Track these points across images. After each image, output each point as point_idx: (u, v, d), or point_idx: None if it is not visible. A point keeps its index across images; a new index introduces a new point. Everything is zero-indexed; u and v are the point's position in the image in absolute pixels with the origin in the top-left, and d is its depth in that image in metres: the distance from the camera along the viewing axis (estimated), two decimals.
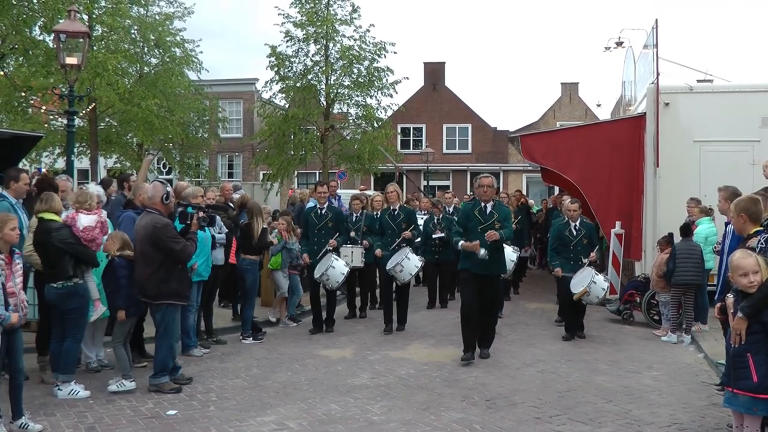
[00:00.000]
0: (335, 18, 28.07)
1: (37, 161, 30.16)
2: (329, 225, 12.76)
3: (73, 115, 14.48)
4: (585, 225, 12.82)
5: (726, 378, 6.46)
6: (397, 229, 13.19)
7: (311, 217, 12.89)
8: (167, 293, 8.64)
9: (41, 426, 7.28)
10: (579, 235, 12.67)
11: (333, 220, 12.83)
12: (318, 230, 12.77)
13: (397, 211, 13.41)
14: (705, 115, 14.84)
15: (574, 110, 48.94)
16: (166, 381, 8.71)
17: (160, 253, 8.55)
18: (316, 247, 12.72)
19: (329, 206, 13.05)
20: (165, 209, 8.80)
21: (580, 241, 12.65)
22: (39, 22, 21.69)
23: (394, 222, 13.27)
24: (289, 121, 28.45)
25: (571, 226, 12.73)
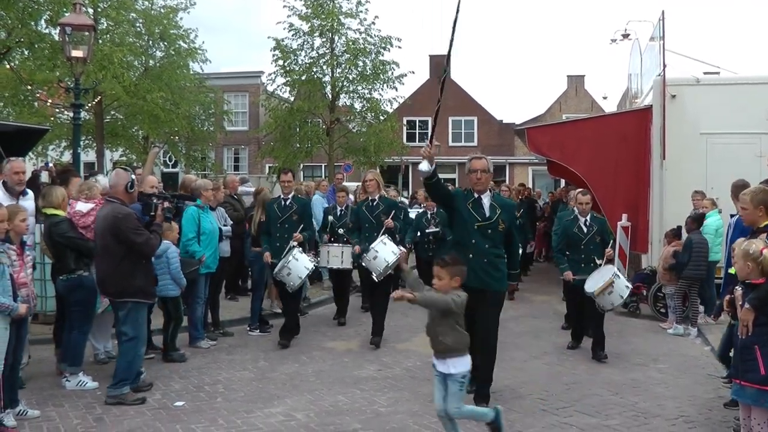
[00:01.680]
0: (340, 11, 28.07)
1: (43, 154, 30.23)
2: (293, 218, 11.12)
3: (79, 108, 14.50)
4: (597, 221, 11.08)
5: (734, 370, 6.47)
6: (375, 223, 11.28)
7: (273, 210, 11.24)
8: (131, 290, 7.93)
9: (38, 412, 7.34)
10: (591, 231, 10.89)
11: (298, 213, 11.18)
12: (281, 224, 11.14)
13: (376, 202, 11.45)
14: (712, 107, 14.77)
15: (580, 103, 48.85)
16: (128, 391, 7.97)
17: (122, 246, 7.84)
18: (278, 244, 11.04)
19: (295, 197, 11.40)
20: (128, 198, 8.09)
21: (591, 239, 10.88)
22: (45, 16, 21.75)
23: (372, 214, 11.37)
24: (294, 114, 28.51)
25: (580, 222, 10.96)
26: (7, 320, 6.69)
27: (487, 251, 7.92)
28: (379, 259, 10.77)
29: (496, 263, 7.98)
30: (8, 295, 6.69)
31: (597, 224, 11.03)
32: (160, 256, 9.67)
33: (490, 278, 7.89)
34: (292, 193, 11.36)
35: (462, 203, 8.07)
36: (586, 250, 10.88)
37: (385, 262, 10.74)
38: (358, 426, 7.24)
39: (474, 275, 7.48)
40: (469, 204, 8.04)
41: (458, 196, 8.16)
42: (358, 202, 12.47)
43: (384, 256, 10.76)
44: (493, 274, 7.93)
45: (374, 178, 11.66)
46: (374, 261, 10.81)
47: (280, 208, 11.21)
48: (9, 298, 6.68)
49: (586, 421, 7.45)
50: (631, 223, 14.95)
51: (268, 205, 11.47)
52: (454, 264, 6.16)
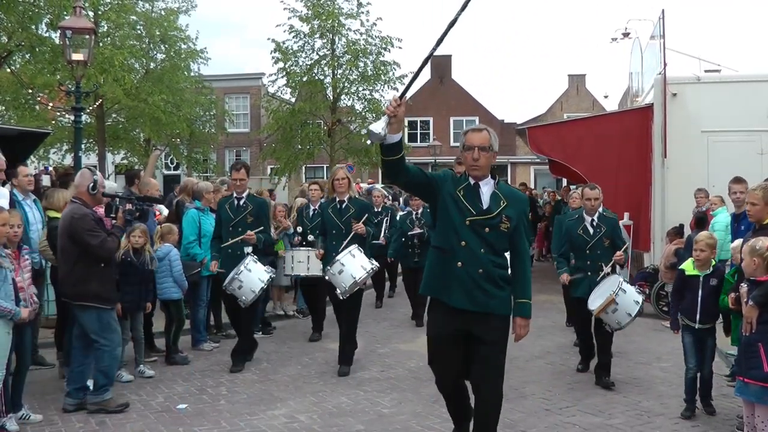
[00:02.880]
0: (341, 12, 28.06)
1: (45, 158, 30.26)
2: (248, 220, 9.65)
3: (80, 111, 14.48)
4: (605, 220, 9.33)
5: (737, 367, 6.46)
6: (344, 229, 9.44)
7: (224, 211, 9.78)
8: (86, 294, 7.56)
9: (41, 416, 7.34)
10: (598, 233, 9.22)
11: (253, 214, 9.68)
12: (234, 227, 9.65)
13: (345, 204, 9.59)
14: (713, 105, 14.78)
15: (581, 102, 48.86)
16: (110, 398, 7.75)
17: (77, 248, 7.56)
18: (230, 250, 9.64)
19: (250, 196, 9.91)
20: (91, 199, 7.80)
21: (599, 243, 9.21)
22: (45, 19, 21.75)
23: (341, 219, 9.55)
24: (295, 116, 28.48)
25: (586, 222, 9.33)
26: (9, 325, 6.69)
27: (483, 258, 5.52)
28: (345, 274, 8.98)
29: (495, 277, 5.56)
30: (10, 299, 6.69)
31: (606, 224, 9.29)
32: (162, 259, 9.70)
33: (488, 297, 5.54)
34: (246, 192, 9.83)
35: (449, 190, 5.64)
36: (592, 255, 9.22)
37: (352, 278, 8.97)
38: (362, 427, 7.23)
39: (464, 293, 5.50)
40: (459, 191, 5.62)
41: (446, 180, 5.70)
42: (322, 204, 10.65)
43: (351, 271, 9.00)
44: (491, 291, 5.54)
45: (346, 176, 9.83)
46: (339, 276, 9.01)
47: (232, 208, 9.71)
48: (11, 302, 6.68)
49: (590, 421, 7.44)
50: (633, 222, 14.96)
51: (219, 206, 9.99)
52: None
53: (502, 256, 5.70)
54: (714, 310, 7.61)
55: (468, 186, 5.64)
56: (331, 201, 9.83)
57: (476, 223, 5.54)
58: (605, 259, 9.14)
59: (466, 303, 5.51)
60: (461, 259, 5.50)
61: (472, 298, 5.50)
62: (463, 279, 5.50)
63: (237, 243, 9.53)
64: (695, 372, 7.71)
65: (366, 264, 9.15)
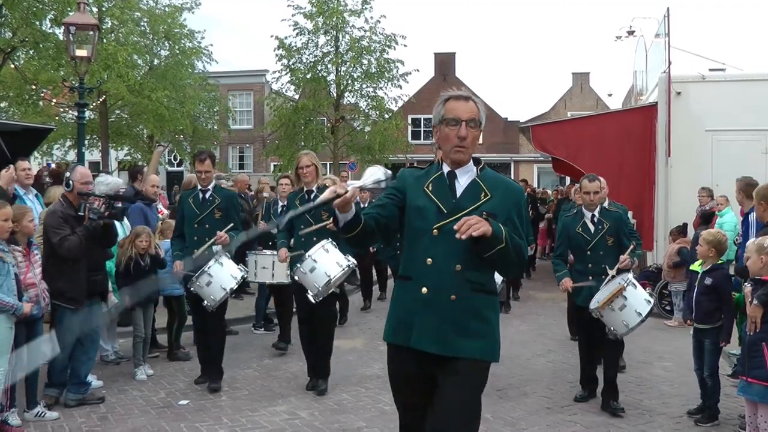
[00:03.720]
0: (345, 9, 28.09)
1: (48, 154, 30.32)
2: (215, 216, 8.51)
3: (83, 107, 14.53)
4: (609, 215, 8.11)
5: (740, 367, 6.45)
6: (314, 223, 8.01)
7: (188, 206, 8.59)
8: (53, 291, 7.42)
9: (57, 414, 7.34)
10: (600, 231, 7.98)
11: (221, 208, 8.55)
12: (199, 224, 8.48)
13: (314, 195, 8.36)
14: (717, 104, 14.74)
15: (585, 100, 48.78)
16: (89, 393, 7.88)
17: (47, 245, 7.56)
18: (197, 249, 8.38)
19: (217, 188, 8.74)
20: (73, 198, 7.71)
21: (601, 242, 7.98)
22: (49, 15, 21.79)
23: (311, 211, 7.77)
24: (299, 113, 28.54)
25: (586, 219, 8.10)
26: (11, 320, 6.68)
27: (458, 279, 3.93)
28: (317, 272, 7.83)
29: (476, 305, 3.99)
30: (13, 294, 6.69)
31: (609, 220, 8.05)
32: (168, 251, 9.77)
33: (461, 335, 3.95)
34: (213, 184, 8.70)
35: (415, 187, 4.15)
36: (593, 257, 7.96)
37: (326, 276, 7.81)
38: (363, 424, 7.23)
39: (429, 330, 3.94)
40: (428, 185, 4.13)
41: (407, 182, 4.19)
42: (288, 196, 9.23)
43: (325, 269, 7.84)
44: (468, 326, 3.96)
45: (312, 162, 8.56)
46: (310, 274, 7.86)
47: (197, 203, 8.55)
48: (14, 297, 6.68)
49: (591, 419, 7.44)
50: (636, 221, 14.93)
51: (182, 200, 8.82)
52: None
53: (486, 272, 4.05)
54: (709, 310, 7.38)
55: (440, 177, 4.11)
56: (298, 192, 8.65)
57: (445, 229, 3.92)
58: (610, 262, 7.85)
59: (429, 342, 3.93)
60: (427, 283, 3.97)
61: (438, 337, 3.93)
62: (429, 310, 3.95)
63: (206, 250, 8.29)
64: (700, 374, 7.52)
65: (341, 260, 7.98)
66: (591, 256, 7.99)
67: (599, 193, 8.14)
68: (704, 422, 7.30)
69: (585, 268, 8.03)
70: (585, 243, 8.05)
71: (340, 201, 3.66)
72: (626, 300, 7.32)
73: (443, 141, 4.10)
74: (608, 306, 7.35)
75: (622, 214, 8.33)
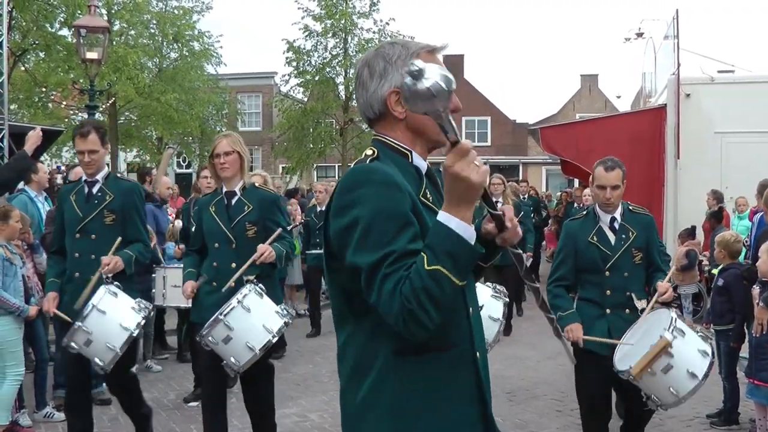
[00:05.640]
0: (354, 11, 28.16)
1: (57, 156, 30.42)
2: (105, 220, 5.79)
3: (93, 109, 14.59)
4: (636, 220, 5.65)
5: (747, 369, 6.44)
6: (236, 242, 5.72)
7: (69, 206, 5.92)
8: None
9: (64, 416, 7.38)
10: (624, 242, 5.53)
11: (116, 209, 5.81)
12: (82, 232, 5.78)
13: (237, 199, 5.82)
14: (726, 106, 14.70)
15: (593, 102, 48.69)
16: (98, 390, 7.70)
17: None
18: (78, 273, 5.79)
19: (111, 179, 6.02)
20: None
21: (625, 258, 5.51)
22: (59, 18, 21.88)
23: (230, 224, 5.75)
24: (307, 115, 28.61)
25: (602, 225, 5.62)
26: (18, 321, 6.72)
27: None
28: (235, 343, 5.29)
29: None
30: (20, 295, 6.72)
31: (637, 226, 5.61)
32: (172, 257, 9.73)
33: None
34: (104, 173, 5.93)
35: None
36: (614, 280, 5.50)
37: (249, 351, 5.29)
38: None
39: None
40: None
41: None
42: (199, 201, 6.63)
43: (247, 338, 5.31)
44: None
45: (234, 148, 5.74)
46: (225, 346, 5.31)
47: (80, 201, 5.83)
48: (20, 299, 6.72)
49: None
50: None
51: (61, 197, 6.08)
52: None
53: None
54: (722, 311, 7.37)
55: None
56: (214, 196, 6.05)
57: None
58: (637, 288, 5.55)
59: None
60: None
61: None
62: None
63: (94, 285, 5.59)
64: (722, 377, 7.39)
65: (272, 320, 5.47)
66: (610, 280, 5.50)
67: (620, 188, 5.60)
68: (720, 425, 7.29)
69: (600, 297, 5.53)
70: (602, 260, 5.51)
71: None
72: (673, 358, 4.82)
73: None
74: (647, 371, 4.85)
75: (652, 219, 5.88)
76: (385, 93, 2.57)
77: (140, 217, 6.04)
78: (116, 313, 5.50)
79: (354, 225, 2.35)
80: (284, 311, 5.62)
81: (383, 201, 2.35)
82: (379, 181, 2.39)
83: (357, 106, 2.72)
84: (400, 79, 2.45)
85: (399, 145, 2.61)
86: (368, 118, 2.68)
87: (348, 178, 2.45)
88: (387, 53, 2.60)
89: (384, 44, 2.68)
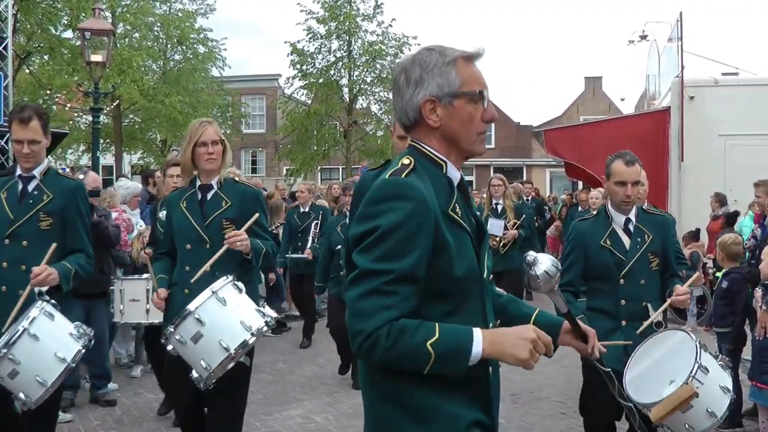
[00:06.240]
0: (357, 13, 28.22)
1: (62, 158, 30.50)
2: (42, 226, 4.88)
3: (98, 112, 14.64)
4: (651, 221, 5.21)
5: (751, 372, 6.45)
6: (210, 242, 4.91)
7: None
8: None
9: (71, 416, 7.39)
10: (640, 246, 5.05)
11: (53, 211, 4.88)
12: (12, 237, 4.83)
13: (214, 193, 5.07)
14: (730, 108, 14.70)
15: (597, 104, 48.66)
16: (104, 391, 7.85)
17: None
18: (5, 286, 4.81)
19: (51, 174, 5.04)
20: None
21: (642, 264, 5.04)
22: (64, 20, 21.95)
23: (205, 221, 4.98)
24: (311, 117, 28.66)
25: (615, 226, 5.13)
26: None
27: None
28: (207, 342, 4.44)
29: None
30: None
31: (652, 228, 5.15)
32: None
33: None
34: (43, 167, 5.00)
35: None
36: (630, 289, 5.02)
37: (224, 351, 4.41)
38: None
39: None
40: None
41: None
42: (169, 197, 5.48)
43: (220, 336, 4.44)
44: None
45: (220, 137, 5.13)
46: (194, 347, 4.45)
47: (12, 200, 4.93)
48: None
49: None
50: None
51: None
52: None
53: None
54: (724, 313, 7.41)
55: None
56: (185, 190, 5.19)
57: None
58: (653, 298, 5.05)
59: None
60: None
61: None
62: None
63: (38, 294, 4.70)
64: None
65: (252, 317, 4.58)
66: (625, 288, 5.00)
67: (641, 184, 5.27)
68: (723, 427, 7.28)
69: (614, 307, 5.04)
70: (616, 266, 5.00)
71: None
72: (695, 403, 4.23)
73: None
74: (671, 415, 4.22)
75: (668, 220, 5.49)
76: (420, 101, 2.55)
77: (83, 223, 5.02)
78: (51, 339, 4.48)
79: (371, 232, 2.39)
80: (265, 313, 4.63)
81: (408, 218, 2.36)
82: (409, 198, 2.39)
83: (393, 110, 2.77)
84: (435, 88, 2.52)
85: (435, 155, 2.59)
86: (404, 124, 2.65)
87: (381, 189, 2.45)
88: (424, 60, 2.57)
89: (421, 50, 2.64)
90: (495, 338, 2.39)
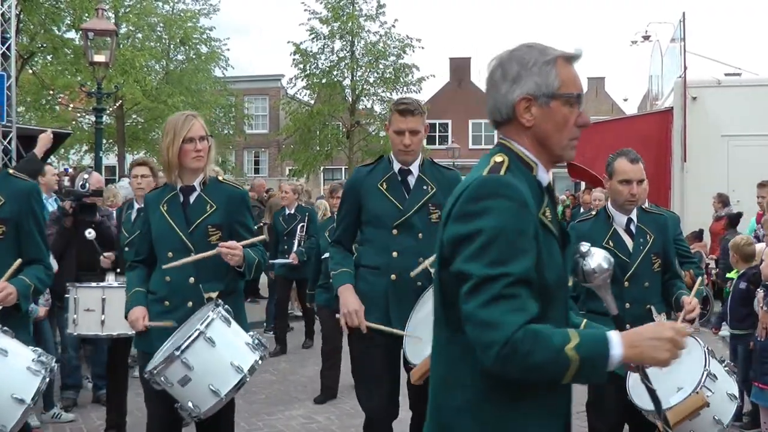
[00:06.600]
0: (360, 14, 28.21)
1: (65, 158, 30.52)
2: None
3: (101, 112, 14.66)
4: (652, 220, 5.04)
5: (752, 373, 6.45)
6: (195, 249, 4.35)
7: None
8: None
9: (73, 416, 7.40)
10: (643, 247, 4.90)
11: (6, 217, 4.23)
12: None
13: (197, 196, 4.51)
14: (733, 109, 14.70)
15: (600, 105, 48.65)
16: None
17: None
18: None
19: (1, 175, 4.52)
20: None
21: (645, 265, 4.87)
22: (67, 21, 21.97)
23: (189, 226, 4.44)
24: (314, 117, 28.66)
25: (617, 227, 4.96)
26: None
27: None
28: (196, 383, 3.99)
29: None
30: None
31: (653, 228, 4.99)
32: None
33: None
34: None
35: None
36: (634, 291, 4.84)
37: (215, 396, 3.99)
38: None
39: None
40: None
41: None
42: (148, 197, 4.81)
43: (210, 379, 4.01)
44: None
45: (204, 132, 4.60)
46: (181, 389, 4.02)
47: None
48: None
49: None
50: None
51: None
52: None
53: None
54: (742, 315, 7.27)
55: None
56: (164, 191, 4.64)
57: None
58: (657, 300, 4.92)
59: None
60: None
61: None
62: None
63: None
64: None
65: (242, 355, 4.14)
66: (630, 291, 4.80)
67: (644, 180, 5.06)
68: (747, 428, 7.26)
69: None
70: (621, 268, 4.65)
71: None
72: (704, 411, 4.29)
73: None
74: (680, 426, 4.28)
75: (668, 219, 5.28)
76: (515, 98, 2.45)
77: (39, 229, 4.43)
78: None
79: (475, 235, 2.24)
80: (256, 342, 4.21)
81: (512, 219, 2.25)
82: (511, 197, 2.27)
83: (486, 105, 2.55)
84: (533, 87, 2.44)
85: (526, 155, 2.48)
86: (494, 119, 2.54)
87: (480, 187, 2.33)
88: (523, 57, 2.48)
89: (521, 46, 2.54)
90: (633, 340, 2.27)
